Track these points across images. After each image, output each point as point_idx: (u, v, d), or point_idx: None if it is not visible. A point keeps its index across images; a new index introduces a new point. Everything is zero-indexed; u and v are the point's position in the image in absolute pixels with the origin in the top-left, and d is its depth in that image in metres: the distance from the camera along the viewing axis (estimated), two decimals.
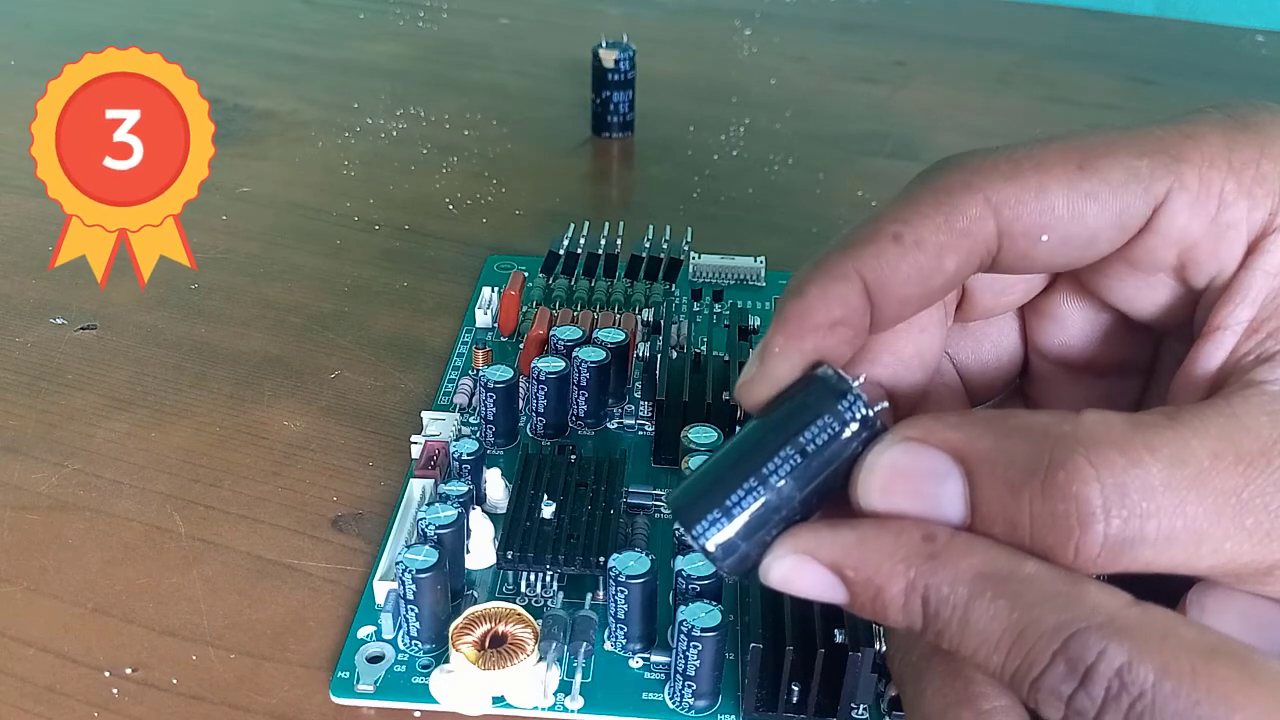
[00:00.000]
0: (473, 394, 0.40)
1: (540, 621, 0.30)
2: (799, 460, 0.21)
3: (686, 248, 0.47)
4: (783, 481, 0.21)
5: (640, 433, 0.39)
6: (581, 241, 0.47)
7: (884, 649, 0.28)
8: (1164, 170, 0.21)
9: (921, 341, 0.25)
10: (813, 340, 0.22)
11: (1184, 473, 0.19)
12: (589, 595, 0.32)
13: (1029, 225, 0.22)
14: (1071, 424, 0.20)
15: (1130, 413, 0.20)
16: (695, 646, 0.28)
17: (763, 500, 0.21)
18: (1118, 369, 0.26)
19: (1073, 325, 0.25)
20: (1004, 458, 0.20)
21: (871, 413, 0.21)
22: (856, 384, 0.21)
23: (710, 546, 0.21)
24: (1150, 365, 0.26)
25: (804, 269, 0.23)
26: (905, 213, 0.22)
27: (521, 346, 0.41)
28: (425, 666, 0.30)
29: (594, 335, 0.38)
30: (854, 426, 0.21)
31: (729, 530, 0.21)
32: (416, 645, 0.30)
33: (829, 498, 0.22)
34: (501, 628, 0.30)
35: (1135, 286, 0.24)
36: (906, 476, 0.21)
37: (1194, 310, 0.23)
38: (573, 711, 0.29)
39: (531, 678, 0.29)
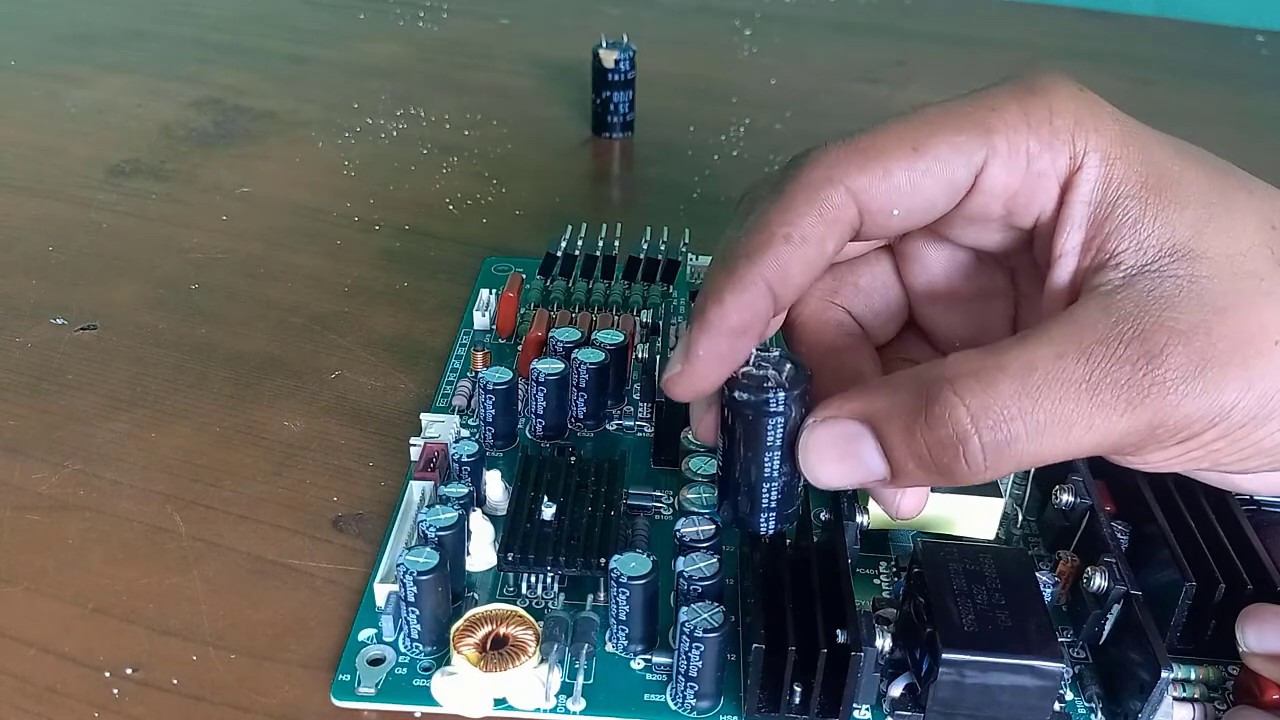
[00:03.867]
0: (471, 396, 0.40)
1: (541, 623, 0.30)
2: (775, 450, 0.27)
3: (684, 249, 0.47)
4: (778, 466, 0.27)
5: (640, 434, 0.39)
6: (579, 243, 0.47)
7: (887, 648, 0.28)
8: (979, 141, 0.26)
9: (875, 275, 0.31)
10: (728, 343, 0.26)
11: (1033, 378, 0.24)
12: (590, 597, 0.32)
13: (882, 204, 0.27)
14: (939, 367, 0.25)
15: (989, 344, 0.25)
16: (697, 647, 0.28)
17: (781, 484, 0.27)
18: (979, 296, 0.31)
19: (935, 266, 0.31)
20: (896, 409, 0.25)
21: (791, 394, 0.26)
22: (778, 389, 0.26)
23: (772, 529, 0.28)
24: (1010, 290, 0.31)
25: (718, 273, 0.27)
26: (788, 215, 0.26)
27: (520, 348, 0.41)
28: (426, 669, 0.30)
29: (593, 337, 0.38)
30: (784, 404, 0.26)
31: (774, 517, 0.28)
32: (417, 647, 0.30)
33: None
34: (503, 630, 0.30)
35: (976, 232, 0.29)
36: (830, 446, 0.26)
37: (1030, 241, 0.28)
38: (574, 713, 0.29)
39: (533, 679, 0.29)
